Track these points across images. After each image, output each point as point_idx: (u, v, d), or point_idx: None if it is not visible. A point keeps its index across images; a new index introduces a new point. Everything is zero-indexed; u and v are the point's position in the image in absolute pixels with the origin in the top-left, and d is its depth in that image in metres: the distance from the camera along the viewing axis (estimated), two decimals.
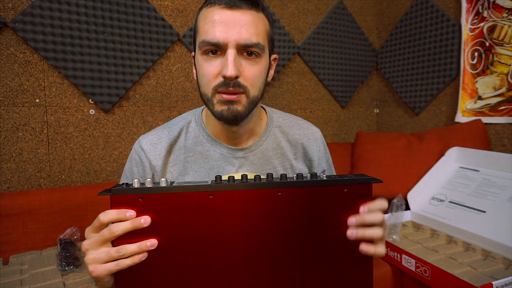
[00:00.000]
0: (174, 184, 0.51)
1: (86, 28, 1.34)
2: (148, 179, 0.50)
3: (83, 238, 1.24)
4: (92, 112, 1.42)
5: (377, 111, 2.24)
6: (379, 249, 0.55)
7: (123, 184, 0.51)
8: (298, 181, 0.52)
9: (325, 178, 0.53)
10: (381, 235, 0.54)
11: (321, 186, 0.52)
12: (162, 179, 0.50)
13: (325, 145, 0.84)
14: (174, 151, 0.74)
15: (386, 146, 1.80)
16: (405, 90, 1.97)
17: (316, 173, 0.55)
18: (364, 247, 0.54)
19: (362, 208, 0.53)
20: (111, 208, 0.49)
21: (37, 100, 1.32)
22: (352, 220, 0.53)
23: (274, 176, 0.54)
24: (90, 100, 1.41)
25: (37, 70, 1.31)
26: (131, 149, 1.48)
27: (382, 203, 0.55)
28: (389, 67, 2.07)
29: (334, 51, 1.99)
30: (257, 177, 0.52)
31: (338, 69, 2.02)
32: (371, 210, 0.54)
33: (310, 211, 0.53)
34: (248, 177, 0.52)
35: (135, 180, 0.50)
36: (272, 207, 0.51)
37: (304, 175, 0.54)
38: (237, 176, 0.54)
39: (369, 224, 0.54)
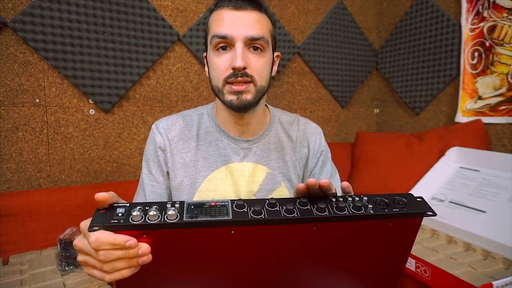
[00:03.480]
0: (185, 203, 0.42)
1: (86, 28, 1.34)
2: (153, 209, 0.40)
3: None
4: (92, 112, 1.42)
5: (377, 111, 2.24)
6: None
7: (121, 206, 0.41)
8: (337, 216, 0.43)
9: (371, 211, 0.44)
10: None
11: (364, 220, 0.44)
12: (170, 212, 0.40)
13: (322, 139, 0.88)
14: (186, 139, 0.80)
15: (386, 146, 1.80)
16: (405, 90, 1.97)
17: (359, 199, 0.45)
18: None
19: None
20: None
21: (37, 100, 1.32)
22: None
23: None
24: (90, 100, 1.41)
25: (37, 70, 1.31)
26: (131, 149, 1.50)
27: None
28: (389, 67, 2.07)
29: (334, 51, 1.99)
30: (289, 208, 0.42)
31: (338, 69, 2.02)
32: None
33: (348, 245, 0.45)
34: (275, 196, 0.46)
35: (135, 213, 0.40)
36: (305, 242, 0.43)
37: (345, 204, 0.44)
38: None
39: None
